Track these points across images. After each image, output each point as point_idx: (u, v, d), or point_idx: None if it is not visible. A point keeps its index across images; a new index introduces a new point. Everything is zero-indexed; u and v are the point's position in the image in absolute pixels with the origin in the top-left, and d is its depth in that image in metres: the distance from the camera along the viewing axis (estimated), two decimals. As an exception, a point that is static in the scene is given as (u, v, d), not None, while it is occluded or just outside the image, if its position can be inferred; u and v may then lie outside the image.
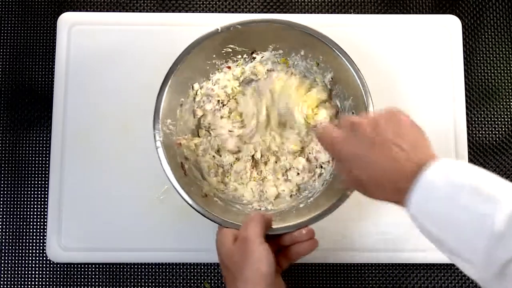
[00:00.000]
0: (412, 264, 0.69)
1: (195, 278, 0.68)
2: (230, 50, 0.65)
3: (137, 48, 0.70)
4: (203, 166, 0.65)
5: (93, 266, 0.68)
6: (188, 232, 0.66)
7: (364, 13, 0.74)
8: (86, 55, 0.70)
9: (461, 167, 0.42)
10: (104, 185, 0.68)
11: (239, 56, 0.66)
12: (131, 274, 0.68)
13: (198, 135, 0.66)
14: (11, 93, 0.72)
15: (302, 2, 0.75)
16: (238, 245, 0.52)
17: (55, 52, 0.71)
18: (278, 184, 0.66)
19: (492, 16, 0.75)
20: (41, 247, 0.69)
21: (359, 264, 0.69)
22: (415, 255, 0.67)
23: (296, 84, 0.66)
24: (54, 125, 0.69)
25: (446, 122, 0.70)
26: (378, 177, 0.46)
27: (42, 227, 0.69)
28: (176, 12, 0.74)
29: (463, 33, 0.73)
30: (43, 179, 0.70)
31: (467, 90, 0.72)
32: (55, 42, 0.71)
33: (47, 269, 0.68)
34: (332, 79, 0.64)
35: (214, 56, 0.65)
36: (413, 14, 0.74)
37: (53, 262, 0.68)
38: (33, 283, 0.68)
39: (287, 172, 0.66)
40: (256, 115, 0.66)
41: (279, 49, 0.65)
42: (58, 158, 0.68)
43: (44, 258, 0.68)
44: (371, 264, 0.69)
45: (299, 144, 0.66)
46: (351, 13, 0.74)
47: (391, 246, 0.67)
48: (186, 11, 0.74)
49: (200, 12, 0.74)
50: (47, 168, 0.70)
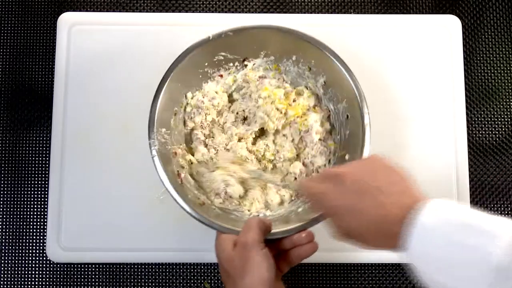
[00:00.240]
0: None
1: (195, 278, 0.68)
2: (222, 58, 0.65)
3: (137, 48, 0.70)
4: (205, 185, 0.64)
5: (93, 266, 0.68)
6: (188, 232, 0.66)
7: (364, 13, 0.74)
8: (86, 55, 0.70)
9: (452, 206, 0.42)
10: (104, 185, 0.68)
11: (231, 64, 0.66)
12: (131, 274, 0.68)
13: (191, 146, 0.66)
14: (11, 93, 0.72)
15: (302, 2, 0.75)
16: (238, 250, 0.52)
17: (55, 52, 0.71)
18: (278, 189, 0.65)
19: (492, 16, 0.75)
20: (41, 247, 0.69)
21: (359, 264, 0.69)
22: (415, 255, 0.67)
23: (280, 95, 0.66)
24: (54, 125, 0.69)
25: (446, 122, 0.70)
26: (367, 225, 0.45)
27: (42, 227, 0.69)
28: (176, 12, 0.74)
29: (463, 33, 0.73)
30: (43, 179, 0.70)
31: (467, 90, 0.72)
32: (55, 42, 0.71)
33: (47, 269, 0.68)
34: (324, 83, 0.64)
35: (206, 64, 0.64)
36: (413, 14, 0.74)
37: (53, 262, 0.68)
38: (33, 283, 0.68)
39: (284, 178, 0.66)
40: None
41: (270, 55, 0.65)
42: (58, 158, 0.68)
43: (44, 258, 0.68)
44: (371, 264, 0.69)
45: (294, 151, 0.66)
46: (351, 13, 0.75)
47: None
48: (186, 11, 0.74)
49: (200, 12, 0.74)
50: (47, 168, 0.70)
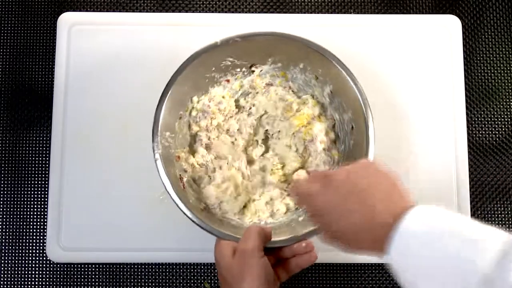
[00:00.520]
0: (412, 264, 0.69)
1: (195, 278, 0.68)
2: (229, 63, 0.64)
3: (137, 48, 0.70)
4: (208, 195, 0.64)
5: (93, 266, 0.68)
6: (188, 232, 0.66)
7: (364, 13, 0.74)
8: (86, 55, 0.70)
9: (438, 213, 0.41)
10: (104, 185, 0.68)
11: (238, 70, 0.66)
12: (131, 274, 0.68)
13: (194, 149, 0.66)
14: (11, 93, 0.72)
15: (302, 2, 0.75)
16: (237, 258, 0.52)
17: (55, 52, 0.71)
18: (283, 198, 0.65)
19: (492, 16, 0.75)
20: (41, 247, 0.69)
21: (359, 264, 0.69)
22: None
23: (283, 106, 0.66)
24: (54, 125, 0.69)
25: (446, 122, 0.70)
26: (354, 226, 0.45)
27: (42, 227, 0.69)
28: (176, 12, 0.74)
29: (463, 33, 0.73)
30: (43, 179, 0.70)
31: (467, 90, 0.72)
32: (55, 42, 0.71)
33: (47, 269, 0.68)
34: (331, 92, 0.64)
35: (213, 69, 0.64)
36: (413, 14, 0.74)
37: (53, 262, 0.68)
38: (33, 283, 0.68)
39: (288, 186, 0.66)
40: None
41: (278, 62, 0.65)
42: (58, 158, 0.68)
43: (44, 258, 0.68)
44: (371, 264, 0.69)
45: (299, 160, 0.66)
46: (351, 13, 0.74)
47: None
48: (186, 11, 0.74)
49: (200, 12, 0.74)
50: (47, 168, 0.70)
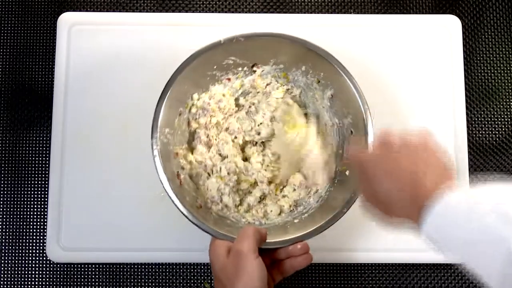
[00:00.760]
0: (412, 264, 0.69)
1: (195, 278, 0.68)
2: (231, 62, 0.64)
3: (137, 48, 0.70)
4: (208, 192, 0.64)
5: (93, 266, 0.68)
6: (188, 232, 0.66)
7: (364, 13, 0.74)
8: (86, 55, 0.70)
9: (483, 190, 0.42)
10: (104, 185, 0.68)
11: (240, 69, 0.66)
12: (131, 274, 0.68)
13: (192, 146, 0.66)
14: (11, 93, 0.72)
15: (302, 2, 0.75)
16: (232, 258, 0.52)
17: (55, 52, 0.71)
18: (277, 200, 0.65)
19: (492, 16, 0.75)
20: (41, 247, 0.69)
21: (359, 264, 0.69)
22: (415, 255, 0.67)
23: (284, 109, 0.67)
24: (54, 125, 0.69)
25: (446, 122, 0.70)
26: (400, 189, 0.46)
27: (42, 227, 0.69)
28: (176, 12, 0.74)
29: (463, 33, 0.73)
30: (43, 179, 0.70)
31: (467, 90, 0.72)
32: (55, 42, 0.71)
33: (47, 269, 0.68)
34: (332, 95, 0.64)
35: (215, 67, 0.64)
36: (413, 14, 0.74)
37: (53, 262, 0.68)
38: (33, 283, 0.68)
39: (284, 188, 0.66)
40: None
41: (280, 63, 0.65)
42: (58, 158, 0.68)
43: (44, 258, 0.68)
44: (371, 264, 0.69)
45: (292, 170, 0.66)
46: (351, 13, 0.74)
47: (390, 246, 0.67)
48: (186, 11, 0.74)
49: (200, 12, 0.74)
50: (47, 168, 0.70)
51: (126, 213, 0.67)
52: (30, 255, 0.69)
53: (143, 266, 0.68)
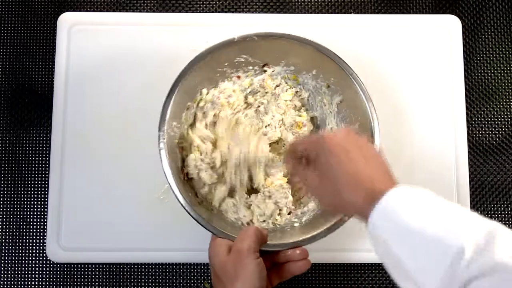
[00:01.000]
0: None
1: (195, 278, 0.68)
2: (243, 60, 0.64)
3: (137, 48, 0.70)
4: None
5: (93, 266, 0.68)
6: (188, 232, 0.66)
7: (364, 13, 0.74)
8: (86, 55, 0.70)
9: (426, 193, 0.44)
10: (104, 185, 0.68)
11: (250, 67, 0.65)
12: (131, 274, 0.68)
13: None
14: (11, 93, 0.72)
15: (302, 2, 0.75)
16: (232, 256, 0.52)
17: (55, 52, 0.71)
18: (275, 201, 0.65)
19: (492, 16, 0.75)
20: (41, 247, 0.69)
21: (359, 264, 0.69)
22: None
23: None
24: (54, 125, 0.69)
25: (446, 122, 0.70)
26: (358, 172, 0.47)
27: (42, 227, 0.69)
28: (176, 12, 0.74)
29: (463, 33, 0.73)
30: (43, 179, 0.70)
31: (467, 90, 0.72)
32: (55, 42, 0.71)
33: (47, 269, 0.68)
34: (340, 101, 0.64)
35: (226, 64, 0.64)
36: (413, 14, 0.74)
37: (53, 262, 0.68)
38: (33, 283, 0.68)
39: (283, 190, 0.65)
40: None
41: (291, 65, 0.65)
42: (58, 158, 0.68)
43: (44, 258, 0.68)
44: (371, 264, 0.69)
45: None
46: (351, 13, 0.75)
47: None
48: (186, 11, 0.74)
49: (200, 12, 0.74)
50: (47, 168, 0.70)
51: (126, 213, 0.67)
52: (30, 255, 0.69)
53: (143, 266, 0.68)
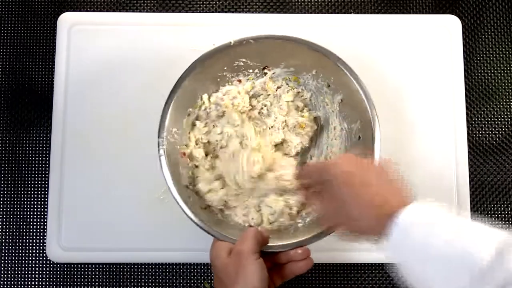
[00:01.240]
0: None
1: (195, 278, 0.68)
2: (242, 64, 0.64)
3: (137, 48, 0.70)
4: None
5: (93, 266, 0.68)
6: (188, 232, 0.66)
7: (364, 13, 0.74)
8: (86, 55, 0.70)
9: (440, 209, 0.44)
10: (104, 185, 0.68)
11: (250, 71, 0.65)
12: (131, 274, 0.68)
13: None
14: (11, 93, 0.72)
15: (302, 2, 0.75)
16: (233, 258, 0.52)
17: (55, 52, 0.71)
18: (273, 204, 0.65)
19: (492, 16, 0.75)
20: (41, 247, 0.69)
21: (359, 264, 0.69)
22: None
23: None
24: (54, 125, 0.69)
25: (446, 122, 0.70)
26: (369, 196, 0.47)
27: (42, 227, 0.69)
28: (176, 12, 0.74)
29: (463, 33, 0.73)
30: (43, 179, 0.70)
31: (467, 90, 0.72)
32: (55, 42, 0.71)
33: (47, 269, 0.68)
34: (341, 100, 0.64)
35: (226, 68, 0.64)
36: (413, 14, 0.74)
37: (53, 262, 0.68)
38: (33, 283, 0.68)
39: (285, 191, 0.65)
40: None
41: (290, 66, 0.65)
42: (58, 158, 0.68)
43: (44, 258, 0.68)
44: (371, 264, 0.69)
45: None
46: (351, 13, 0.75)
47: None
48: (186, 11, 0.74)
49: (200, 12, 0.74)
50: (47, 168, 0.70)
51: (126, 213, 0.67)
52: (30, 255, 0.69)
53: (143, 266, 0.68)
